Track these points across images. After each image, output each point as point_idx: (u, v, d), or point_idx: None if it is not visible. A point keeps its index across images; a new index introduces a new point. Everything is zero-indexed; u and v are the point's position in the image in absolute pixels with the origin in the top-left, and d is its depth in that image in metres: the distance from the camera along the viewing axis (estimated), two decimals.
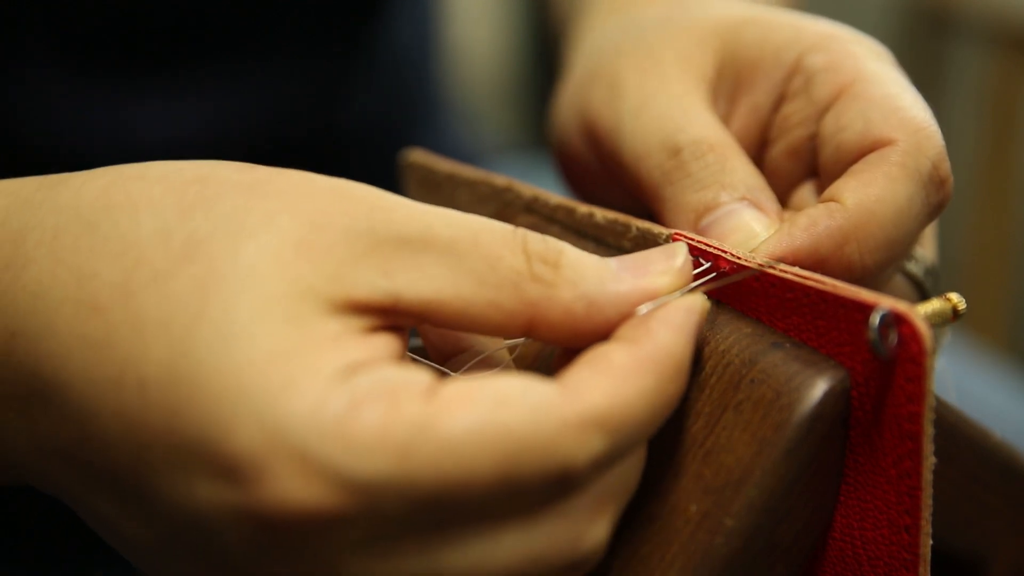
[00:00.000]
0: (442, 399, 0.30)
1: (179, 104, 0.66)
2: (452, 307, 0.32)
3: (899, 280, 0.43)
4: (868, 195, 0.37)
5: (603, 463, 0.31)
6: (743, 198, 0.39)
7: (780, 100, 0.43)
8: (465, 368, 0.36)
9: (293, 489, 0.29)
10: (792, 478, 0.33)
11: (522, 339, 0.36)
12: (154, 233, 0.31)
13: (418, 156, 0.49)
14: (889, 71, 0.41)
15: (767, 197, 0.40)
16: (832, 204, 0.37)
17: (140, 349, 0.30)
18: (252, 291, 0.30)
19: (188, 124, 0.67)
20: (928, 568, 0.33)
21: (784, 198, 0.43)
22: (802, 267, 0.36)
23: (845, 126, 0.39)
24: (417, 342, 0.42)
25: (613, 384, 0.31)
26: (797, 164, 0.43)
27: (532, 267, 0.32)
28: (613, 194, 0.46)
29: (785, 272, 0.34)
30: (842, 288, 0.33)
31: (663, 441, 0.35)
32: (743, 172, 0.40)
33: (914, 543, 0.33)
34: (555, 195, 0.43)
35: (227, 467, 0.29)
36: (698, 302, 0.34)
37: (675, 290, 0.34)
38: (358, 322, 0.31)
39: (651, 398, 0.31)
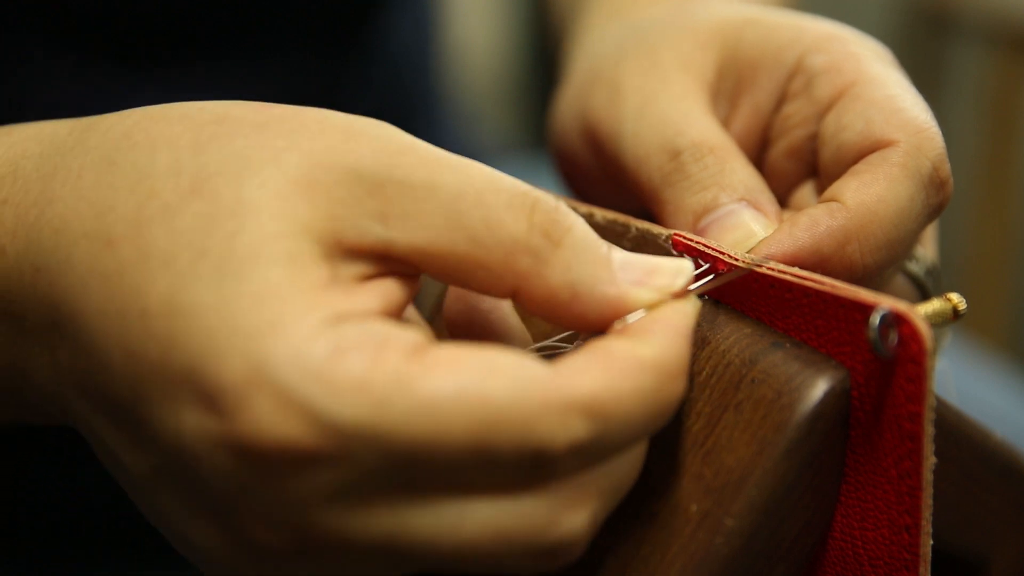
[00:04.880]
0: (428, 359, 0.30)
1: (178, 101, 0.66)
2: (443, 260, 0.32)
3: (900, 280, 0.43)
4: (869, 195, 0.37)
5: (586, 451, 0.31)
6: (742, 199, 0.39)
7: (781, 100, 0.43)
8: None
9: (270, 421, 0.29)
10: (793, 478, 0.33)
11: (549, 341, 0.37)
12: (167, 168, 0.32)
13: None
14: (890, 72, 0.41)
15: (766, 199, 0.40)
16: (833, 204, 0.38)
17: (145, 281, 0.31)
18: (250, 229, 0.31)
19: None
20: (928, 568, 0.33)
21: (784, 198, 0.43)
22: (803, 267, 0.36)
23: (846, 127, 0.40)
24: None
25: (608, 375, 0.31)
26: (798, 164, 0.43)
27: (531, 238, 0.32)
28: (613, 196, 0.46)
29: (784, 272, 0.34)
30: (842, 288, 0.33)
31: (664, 441, 0.35)
32: (742, 173, 0.40)
33: (914, 543, 0.33)
34: (555, 195, 0.43)
35: (210, 397, 0.30)
36: (692, 306, 0.34)
37: (659, 302, 0.34)
38: (348, 270, 0.32)
39: (648, 397, 0.31)
